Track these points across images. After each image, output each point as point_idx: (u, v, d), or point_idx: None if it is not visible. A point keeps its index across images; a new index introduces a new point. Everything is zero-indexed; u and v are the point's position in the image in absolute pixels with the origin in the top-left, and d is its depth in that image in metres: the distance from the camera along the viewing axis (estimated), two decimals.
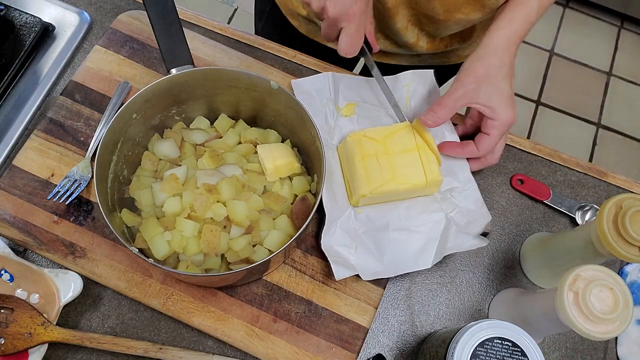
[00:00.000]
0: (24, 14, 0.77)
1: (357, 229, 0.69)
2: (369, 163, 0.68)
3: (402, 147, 0.70)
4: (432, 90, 0.78)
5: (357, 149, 0.69)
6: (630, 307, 0.53)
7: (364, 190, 0.67)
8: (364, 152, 0.69)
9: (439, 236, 0.69)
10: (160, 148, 0.68)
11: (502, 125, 0.68)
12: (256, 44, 0.82)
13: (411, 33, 0.81)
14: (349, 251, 0.67)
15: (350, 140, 0.70)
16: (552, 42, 2.16)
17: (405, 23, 0.79)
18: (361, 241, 0.68)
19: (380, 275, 0.66)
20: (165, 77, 0.63)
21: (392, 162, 0.68)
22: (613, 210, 0.57)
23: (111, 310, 0.66)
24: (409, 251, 0.68)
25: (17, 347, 0.59)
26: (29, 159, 0.71)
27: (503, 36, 0.68)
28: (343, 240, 0.67)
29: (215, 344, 0.66)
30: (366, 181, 0.67)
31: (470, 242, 0.68)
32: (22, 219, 0.68)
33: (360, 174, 0.67)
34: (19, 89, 0.76)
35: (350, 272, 0.65)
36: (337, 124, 0.75)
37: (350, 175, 0.70)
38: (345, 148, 0.71)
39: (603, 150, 1.98)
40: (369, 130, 0.70)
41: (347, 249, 0.67)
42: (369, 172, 0.68)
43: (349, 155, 0.70)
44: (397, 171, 0.68)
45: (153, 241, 0.62)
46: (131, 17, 0.80)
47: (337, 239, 0.67)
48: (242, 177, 0.67)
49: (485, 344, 0.53)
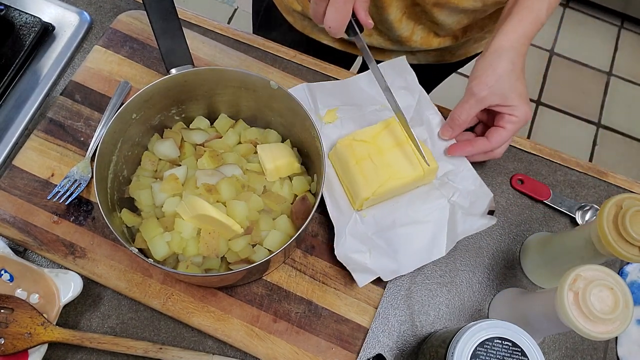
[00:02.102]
0: (24, 14, 0.77)
1: (366, 232, 0.69)
2: (364, 166, 0.68)
3: (393, 143, 0.70)
4: (409, 77, 0.77)
5: (349, 154, 0.69)
6: (630, 307, 0.53)
7: (366, 194, 0.67)
8: (357, 155, 0.68)
9: (447, 223, 0.69)
10: (160, 148, 0.68)
11: (520, 121, 0.68)
12: (256, 44, 0.82)
13: (405, 26, 0.80)
14: (363, 256, 0.67)
15: (340, 146, 0.70)
16: (552, 42, 2.16)
17: (400, 15, 0.78)
18: (373, 243, 0.68)
19: (399, 273, 0.66)
20: (165, 77, 0.63)
21: (386, 160, 0.69)
22: (613, 210, 0.57)
23: (111, 310, 0.66)
24: (421, 243, 0.69)
25: (17, 347, 0.59)
26: (29, 159, 0.71)
27: (512, 39, 0.67)
28: (355, 247, 0.67)
29: (215, 344, 0.66)
30: (365, 184, 0.67)
31: (478, 222, 0.69)
32: (22, 219, 0.68)
33: (358, 178, 0.67)
34: (19, 89, 0.76)
35: (371, 277, 0.65)
36: (322, 133, 0.74)
37: (348, 181, 0.70)
38: (337, 155, 0.71)
39: (603, 150, 1.98)
40: (357, 133, 0.70)
41: (362, 254, 0.67)
42: (366, 174, 0.68)
43: (342, 161, 0.70)
44: (394, 167, 0.68)
45: (153, 242, 0.62)
46: (131, 17, 0.80)
47: (350, 247, 0.67)
48: (242, 177, 0.67)
49: (485, 344, 0.53)
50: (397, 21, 0.79)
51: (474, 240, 0.74)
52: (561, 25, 2.20)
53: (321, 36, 0.89)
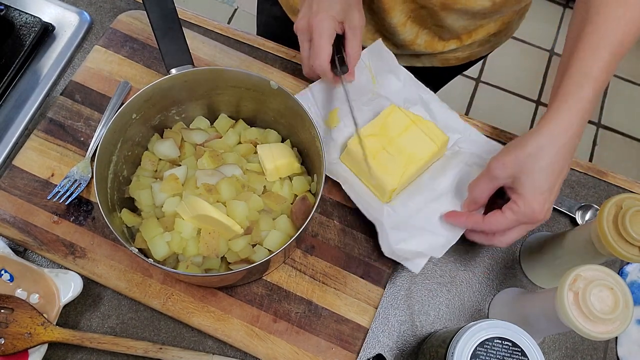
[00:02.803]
0: (24, 14, 0.77)
1: (402, 219, 0.70)
2: (381, 159, 0.69)
3: (400, 128, 0.71)
4: (388, 57, 0.77)
5: (363, 152, 0.69)
6: (630, 307, 0.53)
7: (392, 185, 0.68)
8: (372, 151, 0.69)
9: None
10: (160, 148, 0.68)
11: (521, 214, 0.60)
12: (256, 44, 0.82)
13: (409, 30, 0.80)
14: (408, 243, 0.68)
15: (351, 147, 0.70)
16: (552, 42, 2.16)
17: (404, 19, 0.78)
18: (413, 228, 0.69)
19: (449, 244, 0.68)
20: (165, 77, 0.63)
21: (400, 147, 0.70)
22: (613, 210, 0.57)
23: (111, 310, 0.66)
24: (456, 210, 0.70)
25: (17, 347, 0.59)
26: (29, 159, 0.71)
27: (561, 125, 0.57)
28: (398, 237, 0.68)
29: (215, 344, 0.66)
30: (389, 176, 0.68)
31: None
32: (22, 219, 0.68)
33: (379, 172, 0.68)
34: (19, 89, 0.76)
35: (424, 260, 0.66)
36: (331, 138, 0.74)
37: (369, 178, 0.70)
38: (351, 156, 0.71)
39: (603, 150, 1.98)
40: (365, 129, 0.71)
41: (406, 242, 0.68)
42: (386, 166, 0.68)
43: (358, 160, 0.70)
44: (409, 152, 0.69)
45: (153, 242, 0.62)
46: (131, 17, 0.80)
47: (393, 239, 0.67)
48: (242, 177, 0.67)
49: (485, 344, 0.53)
50: (401, 25, 0.79)
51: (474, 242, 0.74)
52: (561, 25, 2.20)
53: None
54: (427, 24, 0.79)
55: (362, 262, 0.69)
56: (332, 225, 0.71)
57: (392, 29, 0.79)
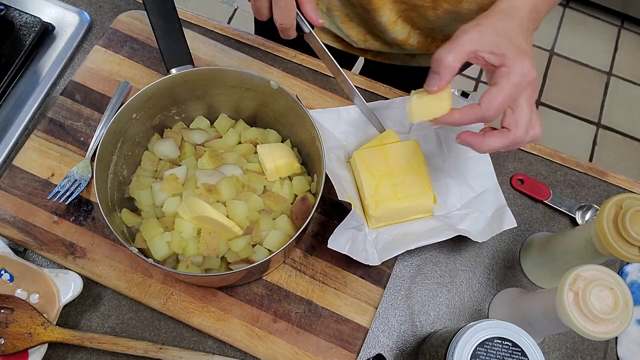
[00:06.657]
0: (24, 14, 0.77)
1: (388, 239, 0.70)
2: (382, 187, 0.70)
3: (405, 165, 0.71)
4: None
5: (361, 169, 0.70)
6: (630, 307, 0.53)
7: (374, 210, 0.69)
8: (376, 176, 0.70)
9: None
10: (160, 148, 0.68)
11: (514, 74, 0.53)
12: (256, 44, 0.82)
13: (401, 29, 0.80)
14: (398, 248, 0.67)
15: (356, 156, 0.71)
16: (552, 42, 2.16)
17: (394, 18, 0.77)
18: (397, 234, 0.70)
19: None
20: (165, 77, 0.63)
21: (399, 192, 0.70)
22: (613, 210, 0.57)
23: (111, 310, 0.66)
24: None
25: (17, 347, 0.59)
26: (29, 159, 0.71)
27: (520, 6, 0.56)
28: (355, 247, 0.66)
29: (215, 344, 0.66)
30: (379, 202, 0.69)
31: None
32: (22, 219, 0.68)
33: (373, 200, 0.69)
34: (19, 89, 0.76)
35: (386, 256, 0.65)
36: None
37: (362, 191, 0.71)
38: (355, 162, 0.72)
39: (603, 150, 1.98)
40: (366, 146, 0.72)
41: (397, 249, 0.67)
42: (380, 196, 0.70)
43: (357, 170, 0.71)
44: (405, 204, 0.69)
45: (153, 242, 0.62)
46: (131, 17, 0.80)
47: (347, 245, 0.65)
48: (242, 177, 0.67)
49: (485, 344, 0.53)
50: (392, 24, 0.78)
51: (474, 240, 0.73)
52: (561, 25, 2.20)
53: (322, 36, 0.89)
54: (417, 24, 0.79)
55: (362, 262, 0.69)
56: (332, 225, 0.71)
57: (382, 27, 0.78)
